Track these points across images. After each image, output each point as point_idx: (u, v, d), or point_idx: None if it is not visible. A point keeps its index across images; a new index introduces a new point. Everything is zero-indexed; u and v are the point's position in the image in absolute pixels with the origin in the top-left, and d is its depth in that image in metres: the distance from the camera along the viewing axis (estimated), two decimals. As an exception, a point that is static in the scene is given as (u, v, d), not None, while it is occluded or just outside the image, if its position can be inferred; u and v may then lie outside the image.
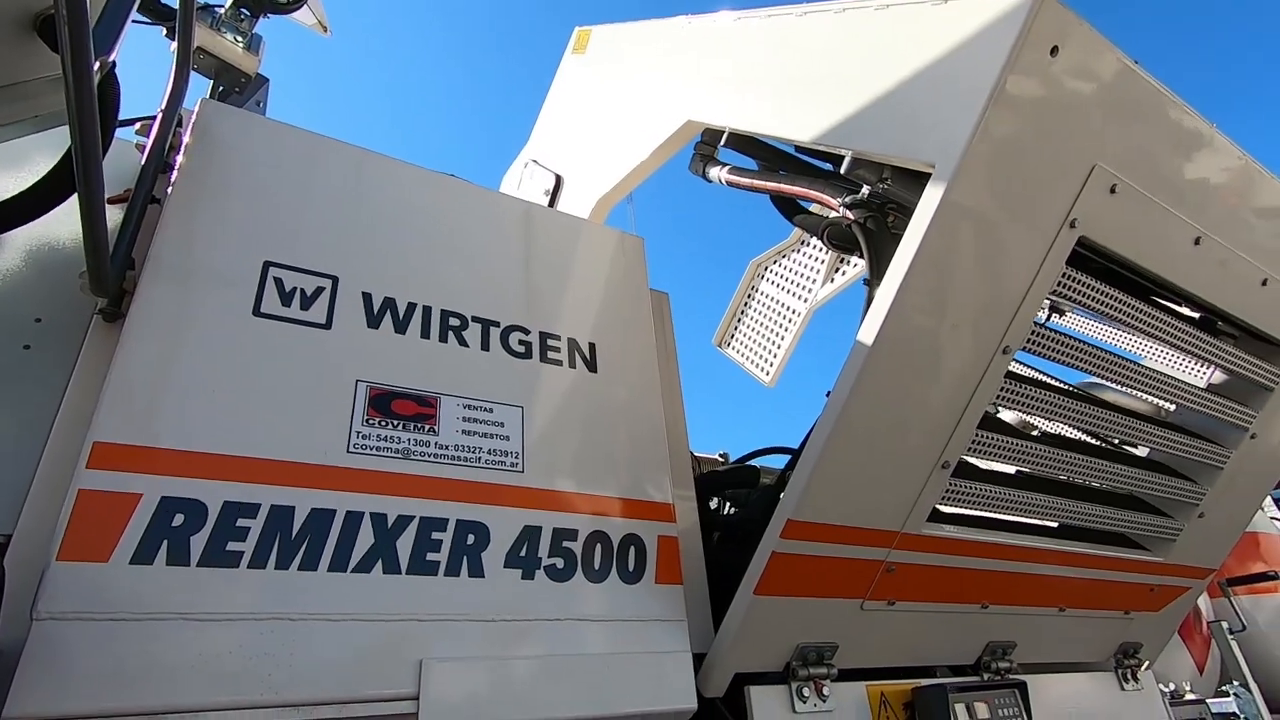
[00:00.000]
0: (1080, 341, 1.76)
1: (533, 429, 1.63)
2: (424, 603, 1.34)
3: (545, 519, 1.54)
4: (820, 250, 4.14)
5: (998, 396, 1.65)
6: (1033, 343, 1.63)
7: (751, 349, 4.54)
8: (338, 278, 1.56)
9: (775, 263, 4.55)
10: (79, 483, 1.15)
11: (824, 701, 1.69)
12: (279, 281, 1.49)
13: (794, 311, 4.32)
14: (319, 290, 1.52)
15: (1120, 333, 2.86)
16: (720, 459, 3.92)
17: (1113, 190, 1.51)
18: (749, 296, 4.68)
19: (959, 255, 1.44)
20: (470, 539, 1.44)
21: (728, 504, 2.55)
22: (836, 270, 4.05)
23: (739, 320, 4.73)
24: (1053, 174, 1.45)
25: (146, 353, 1.31)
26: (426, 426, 1.50)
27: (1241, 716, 2.65)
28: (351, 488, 1.36)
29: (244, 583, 1.21)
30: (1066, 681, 2.21)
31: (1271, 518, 5.62)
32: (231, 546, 1.22)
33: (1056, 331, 1.68)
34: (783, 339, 4.34)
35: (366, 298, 1.57)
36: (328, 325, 1.50)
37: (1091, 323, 2.94)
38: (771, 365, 4.39)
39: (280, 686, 1.16)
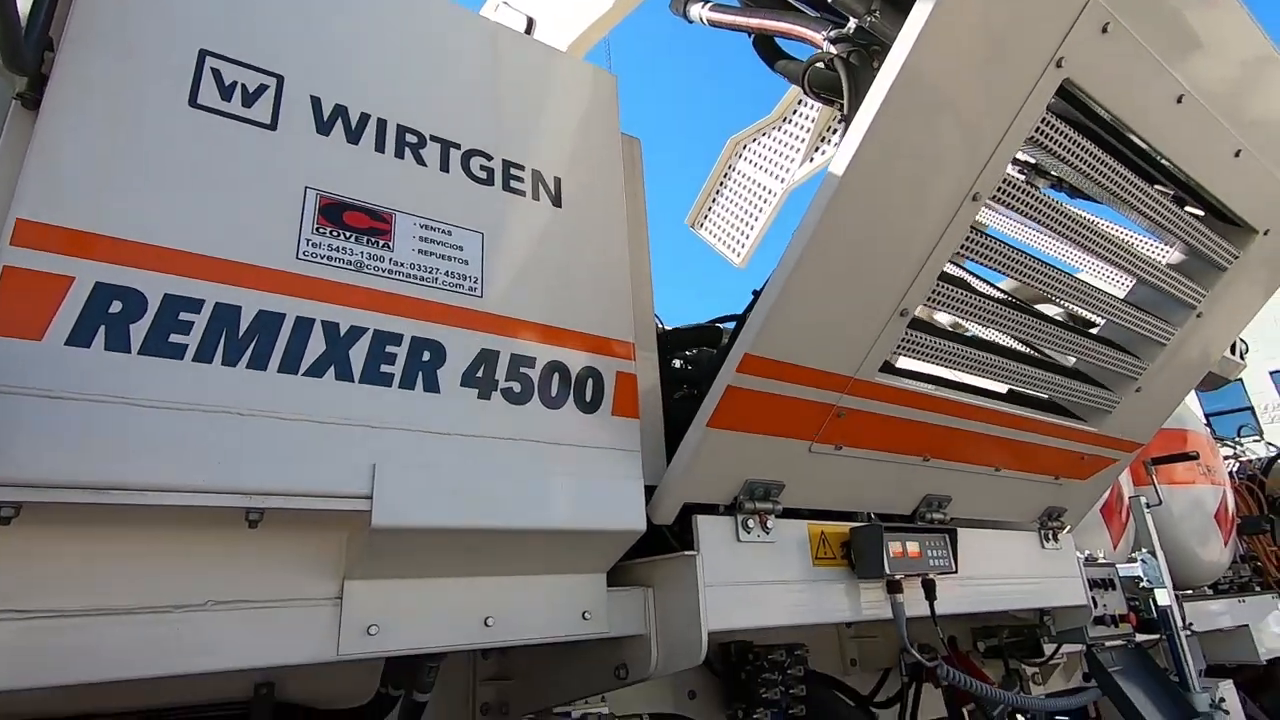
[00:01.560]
0: (1048, 202, 1.75)
1: (493, 256, 1.59)
2: (378, 412, 1.34)
3: (503, 344, 1.53)
4: (801, 128, 4.02)
5: (962, 246, 1.65)
6: (1003, 193, 1.61)
7: (725, 230, 4.48)
8: (283, 77, 1.45)
9: (754, 141, 4.42)
10: (3, 259, 1.09)
11: (767, 534, 1.78)
12: (217, 73, 1.37)
13: (770, 192, 4.23)
14: (262, 88, 1.41)
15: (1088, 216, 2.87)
16: (685, 335, 3.94)
17: (1104, 30, 1.45)
18: (725, 176, 4.57)
19: (940, 85, 1.39)
20: (426, 355, 1.43)
21: (690, 367, 2.58)
22: (816, 149, 3.95)
23: (713, 200, 4.64)
24: (1046, 2, 1.38)
25: (69, 132, 1.21)
26: (381, 242, 1.45)
27: (1145, 579, 2.90)
28: (301, 294, 1.32)
29: (189, 375, 1.18)
30: (992, 535, 2.37)
31: (1205, 425, 5.95)
32: (175, 339, 1.18)
33: (1026, 185, 1.67)
34: (757, 219, 4.28)
35: (315, 102, 1.47)
36: (273, 126, 1.40)
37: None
38: (743, 246, 4.35)
39: (230, 474, 1.17)
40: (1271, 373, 15.96)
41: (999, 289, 2.87)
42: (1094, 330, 2.36)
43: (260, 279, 1.29)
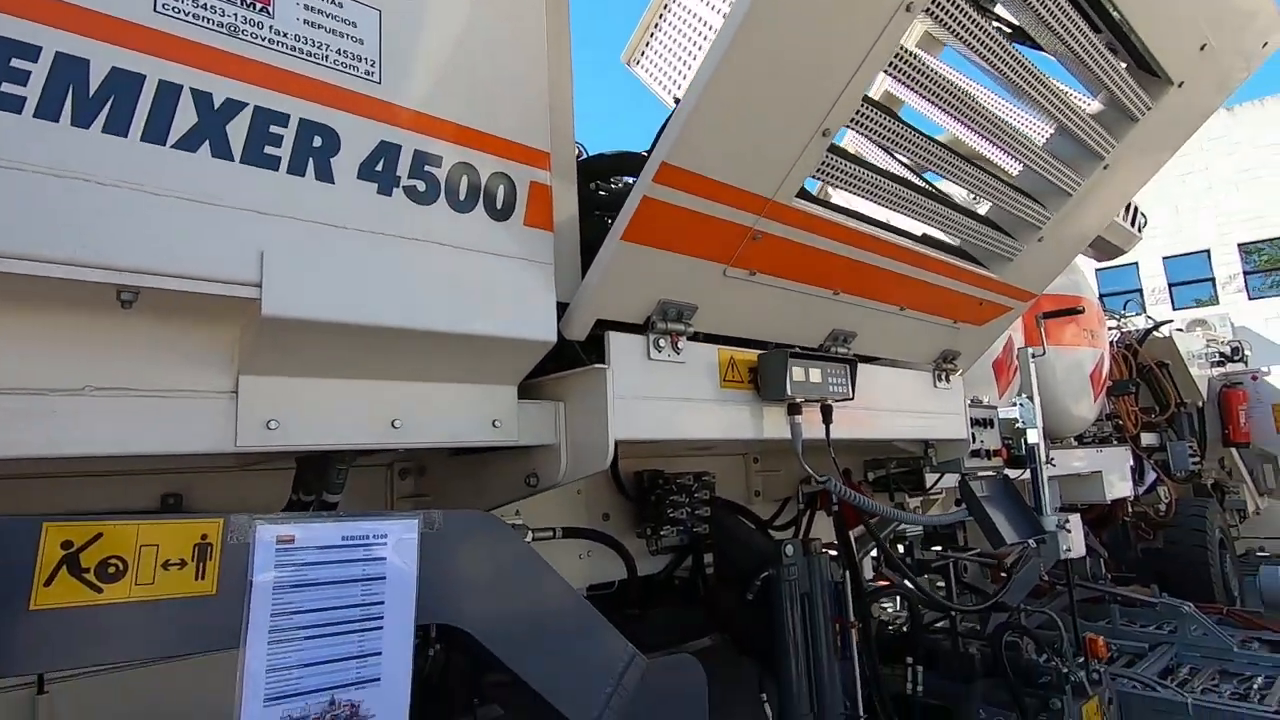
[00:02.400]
0: (984, 27, 1.71)
1: (393, 38, 1.44)
2: (264, 197, 1.24)
3: (405, 138, 1.42)
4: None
5: (890, 64, 1.60)
6: (938, 6, 1.55)
7: (661, 68, 4.24)
8: None
9: (698, -33, 4.09)
10: None
11: (678, 354, 1.82)
12: None
13: (710, 27, 3.98)
14: None
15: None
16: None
17: None
18: (664, 7, 4.25)
19: None
20: (317, 141, 1.31)
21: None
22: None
23: (651, 35, 4.34)
24: None
25: None
26: (257, 5, 1.27)
27: (1020, 420, 3.20)
28: (163, 54, 1.16)
29: (33, 132, 1.04)
30: (890, 371, 2.53)
31: (1099, 300, 6.38)
32: (9, 89, 1.03)
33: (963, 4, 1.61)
34: (696, 58, 4.05)
35: None
36: None
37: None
38: (680, 87, 4.15)
39: (96, 247, 1.07)
40: (1164, 258, 17.20)
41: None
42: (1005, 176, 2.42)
43: (109, 30, 1.12)
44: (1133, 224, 4.62)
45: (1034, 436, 3.18)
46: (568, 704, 1.49)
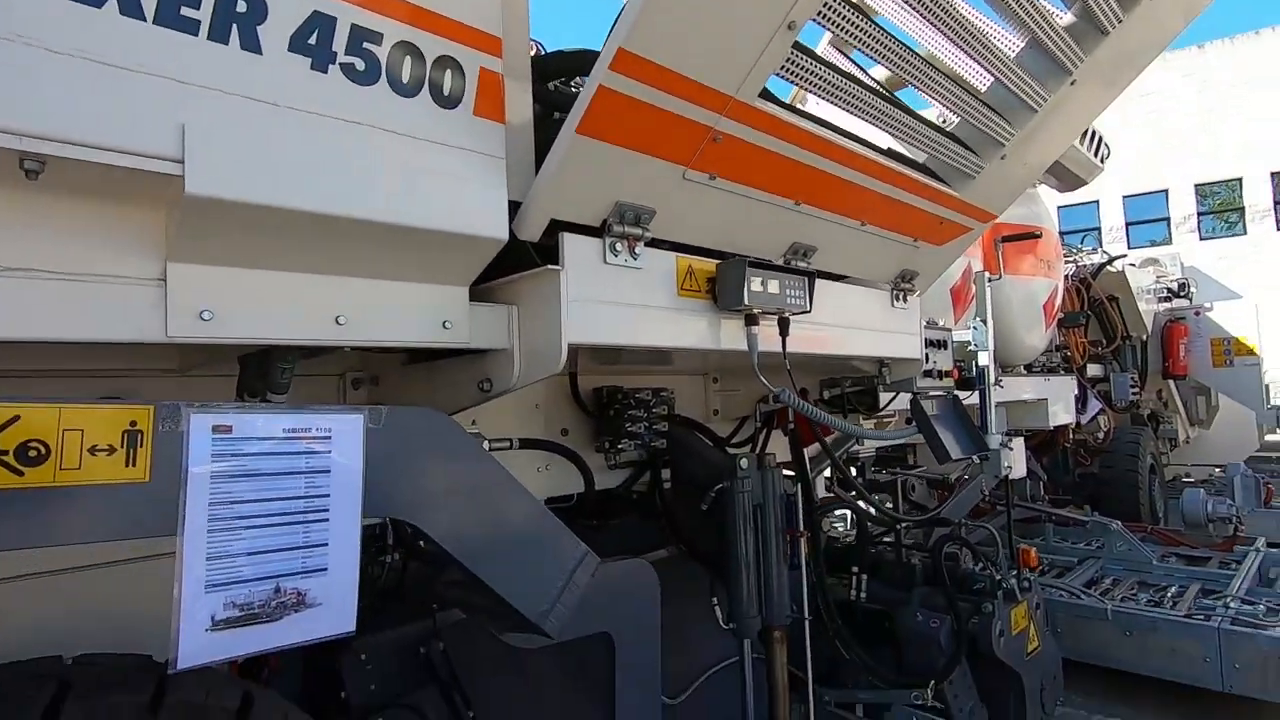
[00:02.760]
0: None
1: (323, -106, 1.31)
2: (183, 65, 1.14)
3: (340, 10, 1.32)
4: None
5: (861, -48, 1.53)
6: (912, -112, 1.47)
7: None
8: None
9: None
10: None
11: (635, 259, 1.79)
12: None
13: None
14: None
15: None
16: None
17: None
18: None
19: None
20: (240, 7, 1.20)
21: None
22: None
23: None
24: None
25: None
26: None
27: (973, 343, 3.27)
28: (55, -110, 1.04)
29: (-95, -28, 0.93)
30: (848, 288, 2.53)
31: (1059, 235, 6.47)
32: (-128, -82, 0.91)
33: (939, -112, 1.53)
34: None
35: None
36: None
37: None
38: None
39: (-10, 109, 0.98)
40: (1124, 196, 17.52)
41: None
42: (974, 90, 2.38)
43: None
44: (1096, 154, 4.64)
45: (985, 359, 3.25)
46: (518, 597, 1.52)
